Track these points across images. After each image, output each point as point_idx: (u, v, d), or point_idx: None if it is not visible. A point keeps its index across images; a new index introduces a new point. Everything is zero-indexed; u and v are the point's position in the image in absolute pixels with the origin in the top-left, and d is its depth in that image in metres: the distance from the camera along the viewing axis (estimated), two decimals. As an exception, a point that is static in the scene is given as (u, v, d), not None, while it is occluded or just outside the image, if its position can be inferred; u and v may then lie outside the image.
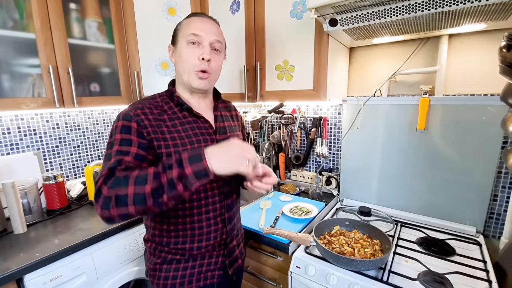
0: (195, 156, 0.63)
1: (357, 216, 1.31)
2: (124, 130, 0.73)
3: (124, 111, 0.77)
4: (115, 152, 0.70)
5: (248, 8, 1.38)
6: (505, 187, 1.15)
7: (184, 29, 0.82)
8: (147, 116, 0.77)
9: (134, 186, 0.62)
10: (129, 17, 1.49)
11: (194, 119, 0.84)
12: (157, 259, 0.86)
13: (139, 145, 0.73)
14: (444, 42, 1.19)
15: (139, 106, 0.78)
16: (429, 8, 0.88)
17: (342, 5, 0.95)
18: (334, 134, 1.56)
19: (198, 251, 0.85)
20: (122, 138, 0.73)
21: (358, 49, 1.45)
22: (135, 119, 0.75)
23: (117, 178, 0.65)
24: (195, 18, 0.83)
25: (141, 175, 0.63)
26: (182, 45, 0.81)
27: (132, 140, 0.73)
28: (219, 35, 0.84)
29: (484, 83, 1.17)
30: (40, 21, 1.19)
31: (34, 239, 1.11)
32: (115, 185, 0.63)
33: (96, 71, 1.45)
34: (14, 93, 1.16)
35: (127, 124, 0.74)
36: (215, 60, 0.83)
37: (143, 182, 0.62)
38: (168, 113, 0.81)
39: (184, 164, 0.62)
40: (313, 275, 0.97)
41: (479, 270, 0.92)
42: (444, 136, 1.18)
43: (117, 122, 0.75)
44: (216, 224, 0.87)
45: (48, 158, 1.53)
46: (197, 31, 0.80)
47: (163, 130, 0.77)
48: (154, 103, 0.82)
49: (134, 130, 0.74)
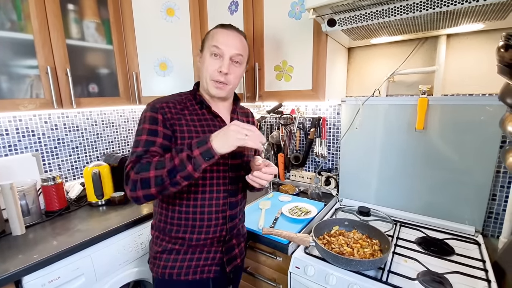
0: (201, 141, 0.73)
1: (356, 216, 1.31)
2: (151, 121, 0.82)
3: (151, 103, 0.86)
4: (144, 141, 0.80)
5: (246, 8, 1.38)
6: (504, 187, 1.15)
7: (209, 40, 0.88)
8: (170, 109, 0.85)
9: (155, 170, 0.73)
10: (128, 17, 1.49)
11: (211, 117, 0.91)
12: (158, 247, 0.92)
13: (164, 136, 0.82)
14: (442, 42, 1.19)
15: (164, 100, 0.87)
16: (427, 8, 0.88)
17: (340, 5, 0.95)
18: (333, 134, 1.56)
19: (197, 242, 0.89)
20: (150, 128, 0.82)
21: (357, 49, 1.45)
22: (160, 111, 0.83)
23: (141, 164, 0.76)
24: (220, 30, 0.88)
25: (160, 160, 0.75)
26: (206, 55, 0.88)
27: (158, 131, 0.82)
28: (241, 48, 0.89)
29: (482, 83, 1.17)
30: (38, 22, 1.19)
31: (33, 241, 1.11)
32: (140, 170, 0.75)
33: (94, 72, 1.44)
34: (12, 94, 1.16)
35: (154, 115, 0.83)
36: (233, 72, 0.89)
37: (162, 166, 0.73)
38: (189, 109, 0.89)
39: (193, 147, 0.72)
40: (312, 276, 0.97)
41: (478, 269, 0.92)
42: (442, 136, 1.18)
43: (145, 112, 0.84)
44: (217, 219, 0.91)
45: (46, 159, 1.52)
46: (219, 44, 0.85)
47: (181, 123, 0.85)
48: (179, 99, 0.90)
49: (160, 121, 0.83)
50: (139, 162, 0.77)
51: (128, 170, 0.77)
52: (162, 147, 0.82)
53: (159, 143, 0.82)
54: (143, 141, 0.81)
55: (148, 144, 0.80)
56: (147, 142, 0.80)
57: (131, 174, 0.76)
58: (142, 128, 0.83)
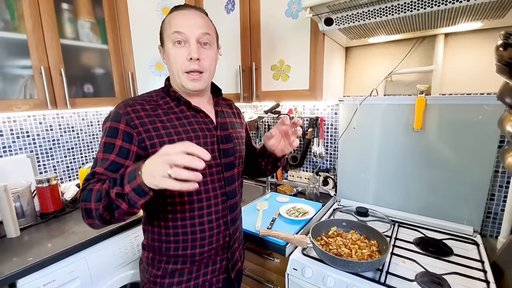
0: (132, 172, 0.58)
1: (354, 217, 1.30)
2: (110, 133, 0.70)
3: (114, 110, 0.73)
4: (98, 160, 0.70)
5: (243, 7, 1.37)
6: (502, 187, 1.14)
7: (167, 28, 0.76)
8: (137, 113, 0.72)
9: (95, 202, 0.62)
10: (123, 17, 1.47)
11: (192, 113, 0.79)
12: (157, 270, 0.79)
13: (119, 151, 0.69)
14: (440, 41, 1.18)
15: (130, 103, 0.74)
16: (425, 7, 0.87)
17: (337, 4, 0.94)
18: (331, 134, 1.56)
19: (201, 256, 0.80)
20: (106, 142, 0.70)
21: (354, 49, 1.45)
22: (124, 119, 0.71)
23: (85, 191, 0.65)
24: (177, 13, 0.76)
25: (99, 189, 0.62)
26: (168, 46, 0.76)
27: (115, 145, 0.69)
28: (206, 26, 0.76)
29: (481, 82, 1.16)
30: (31, 21, 1.17)
31: (28, 243, 1.09)
32: (83, 198, 0.64)
33: (89, 72, 1.43)
34: (5, 95, 1.14)
35: (115, 125, 0.71)
36: (205, 56, 0.76)
37: (99, 199, 0.61)
38: (163, 108, 0.76)
39: (125, 180, 0.58)
40: (310, 277, 0.96)
41: (477, 270, 0.92)
42: (440, 135, 1.18)
43: (107, 122, 0.72)
44: (218, 227, 0.81)
45: (41, 161, 1.51)
46: (180, 28, 0.73)
47: (157, 126, 0.72)
48: (148, 98, 0.78)
49: (121, 132, 0.70)
50: (85, 189, 0.66)
51: (78, 195, 0.68)
52: (111, 167, 0.68)
53: (109, 161, 0.68)
54: (97, 161, 0.70)
55: (101, 163, 0.69)
56: (100, 161, 0.69)
57: (80, 203, 0.66)
58: (101, 143, 0.71)
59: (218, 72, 1.51)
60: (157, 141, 0.71)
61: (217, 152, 0.80)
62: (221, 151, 0.81)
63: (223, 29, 1.45)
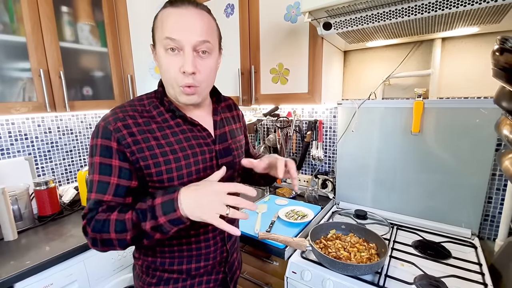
0: (167, 204, 0.57)
1: (353, 220, 1.30)
2: (104, 152, 0.63)
3: (103, 124, 0.64)
4: (96, 183, 0.64)
5: (242, 11, 1.38)
6: (500, 189, 1.15)
7: (158, 29, 0.64)
8: (130, 129, 0.64)
9: (115, 233, 0.60)
10: (123, 20, 1.48)
11: (189, 127, 0.71)
12: (151, 278, 0.76)
13: (120, 173, 0.64)
14: (438, 45, 1.19)
15: (120, 117, 0.65)
16: (422, 12, 0.88)
17: (336, 9, 0.95)
18: (330, 137, 1.56)
19: (197, 271, 0.76)
20: (101, 162, 0.63)
21: (353, 52, 1.46)
22: (115, 137, 0.63)
23: (97, 222, 0.61)
24: (171, 11, 0.63)
25: (119, 220, 0.60)
26: (160, 51, 0.65)
27: (113, 166, 0.64)
28: (206, 31, 0.64)
29: (478, 86, 1.17)
30: (31, 24, 1.18)
31: (25, 246, 1.09)
32: (97, 229, 0.61)
33: (88, 75, 1.43)
34: (4, 98, 1.14)
35: (107, 143, 0.63)
36: (202, 67, 0.65)
37: (123, 230, 0.59)
38: (157, 121, 0.68)
39: (157, 213, 0.57)
40: (309, 280, 0.96)
41: (475, 273, 0.92)
42: (438, 138, 1.18)
43: (96, 138, 0.64)
44: (215, 244, 0.77)
45: (40, 163, 1.50)
46: (173, 33, 0.61)
47: (151, 144, 0.65)
48: (140, 108, 0.69)
49: (115, 151, 0.63)
50: (94, 219, 0.62)
51: (84, 224, 0.63)
52: (118, 193, 0.64)
53: (113, 185, 0.63)
54: (96, 183, 0.64)
55: (101, 188, 0.63)
56: (99, 186, 0.63)
57: (88, 231, 0.62)
58: (94, 162, 0.64)
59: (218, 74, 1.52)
60: (151, 162, 0.65)
61: (215, 168, 0.74)
62: (219, 167, 0.73)
63: (223, 33, 1.42)
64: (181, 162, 0.68)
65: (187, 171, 0.69)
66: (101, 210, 0.63)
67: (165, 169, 0.66)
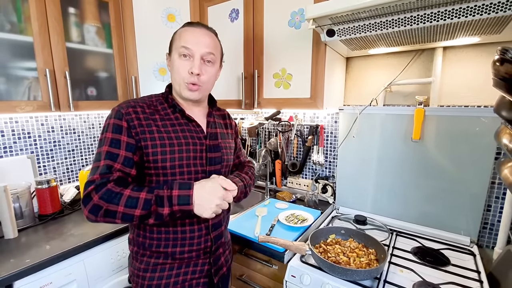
0: (184, 197, 0.71)
1: (353, 225, 1.31)
2: (115, 129, 0.75)
3: (117, 108, 0.78)
4: (105, 153, 0.73)
5: (247, 16, 1.40)
6: (499, 198, 1.16)
7: (176, 41, 0.82)
8: (138, 115, 0.78)
9: (124, 207, 0.69)
10: (128, 22, 1.49)
11: (185, 121, 0.85)
12: (140, 264, 0.84)
13: (127, 146, 0.75)
14: (439, 54, 1.21)
15: (132, 104, 0.79)
16: (425, 22, 0.90)
17: (340, 16, 0.97)
18: (331, 142, 1.57)
19: (181, 255, 0.84)
20: (112, 138, 0.74)
21: (355, 59, 1.47)
22: (125, 118, 0.76)
23: (109, 191, 0.70)
24: (188, 29, 0.82)
25: (133, 196, 0.69)
26: (174, 57, 0.82)
27: (121, 141, 0.75)
28: (212, 46, 0.83)
29: (478, 95, 1.19)
30: (38, 24, 1.19)
31: (25, 245, 1.09)
32: (107, 198, 0.69)
33: (93, 76, 1.44)
34: (9, 96, 1.15)
35: (118, 122, 0.76)
36: (206, 72, 0.83)
37: (133, 205, 0.69)
38: (160, 113, 0.82)
39: (173, 201, 0.70)
40: (308, 285, 0.96)
41: (473, 280, 0.92)
42: (438, 146, 1.19)
43: (109, 119, 0.77)
44: (200, 230, 0.85)
45: (42, 162, 1.51)
46: (188, 44, 0.79)
47: (152, 129, 0.78)
48: (148, 102, 0.83)
49: (125, 129, 0.75)
50: (105, 187, 0.70)
51: (90, 190, 0.69)
52: (126, 163, 0.74)
53: (122, 156, 0.74)
54: (104, 153, 0.73)
55: (111, 157, 0.73)
56: (109, 154, 0.73)
57: (94, 196, 0.69)
58: (105, 137, 0.75)
59: (221, 78, 1.54)
60: (150, 143, 0.77)
61: (204, 159, 0.85)
62: (208, 159, 0.86)
63: (227, 37, 1.48)
64: (175, 148, 0.79)
65: (178, 157, 0.80)
66: (112, 180, 0.71)
67: (160, 151, 0.78)
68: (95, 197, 0.69)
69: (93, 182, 0.70)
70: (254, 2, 1.36)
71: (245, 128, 1.83)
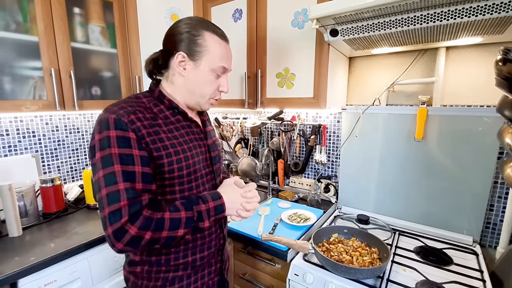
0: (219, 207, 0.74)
1: (355, 224, 1.31)
2: (122, 143, 0.63)
3: (114, 116, 0.64)
4: (121, 173, 0.62)
5: (250, 16, 1.40)
6: (501, 197, 1.16)
7: (212, 55, 0.75)
8: (142, 122, 0.67)
9: (168, 230, 0.65)
10: (132, 22, 1.50)
11: (188, 123, 0.80)
12: (156, 281, 0.76)
13: (142, 161, 0.65)
14: (442, 54, 1.21)
15: (130, 110, 0.67)
16: (428, 22, 0.90)
17: (343, 16, 0.97)
18: (333, 142, 1.58)
19: (201, 261, 0.81)
20: (121, 153, 0.63)
21: (358, 59, 1.48)
22: (131, 128, 0.65)
23: (148, 219, 0.62)
24: (221, 42, 0.77)
25: (174, 218, 0.66)
26: (204, 70, 0.75)
27: (134, 156, 0.64)
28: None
29: (481, 95, 1.19)
30: (43, 24, 1.20)
31: (30, 243, 1.10)
32: (148, 226, 0.62)
33: (97, 75, 1.45)
34: (15, 95, 1.16)
35: (124, 134, 0.64)
36: None
37: (176, 227, 0.66)
38: (160, 117, 0.74)
39: (211, 213, 0.72)
40: (311, 283, 0.96)
41: (476, 279, 0.93)
42: (441, 145, 1.20)
43: (107, 130, 0.63)
44: (216, 231, 0.84)
45: (46, 161, 1.52)
46: (226, 64, 0.78)
47: (161, 137, 0.70)
48: (143, 105, 0.72)
49: (134, 141, 0.65)
50: (142, 215, 0.62)
51: (123, 223, 0.59)
52: (146, 180, 0.65)
53: (139, 173, 0.64)
54: (120, 174, 0.61)
55: (129, 177, 0.62)
56: (125, 175, 0.62)
57: (131, 229, 0.60)
58: (110, 154, 0.62)
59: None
60: (164, 153, 0.69)
61: (208, 160, 0.84)
62: (212, 159, 0.85)
63: (230, 37, 1.44)
64: (187, 154, 0.75)
65: (192, 162, 0.76)
66: (146, 205, 0.64)
67: (175, 159, 0.71)
68: (132, 229, 0.60)
69: (120, 211, 0.60)
70: (257, 2, 1.36)
71: (248, 128, 1.83)
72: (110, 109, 0.67)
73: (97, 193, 0.63)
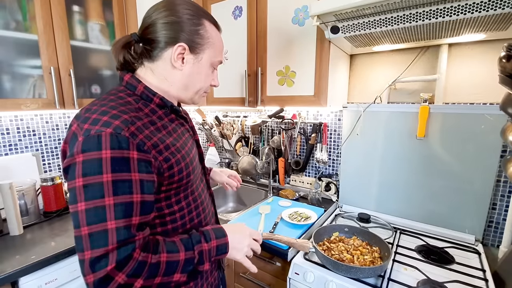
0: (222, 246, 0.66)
1: (356, 223, 1.30)
2: (119, 166, 0.51)
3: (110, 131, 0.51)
4: (113, 208, 0.50)
5: (250, 14, 1.39)
6: (504, 196, 1.15)
7: (214, 48, 0.70)
8: (143, 132, 0.56)
9: (163, 276, 0.55)
10: (132, 20, 1.49)
11: (180, 121, 0.73)
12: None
13: (143, 187, 0.54)
14: (444, 51, 1.20)
15: (127, 119, 0.55)
16: (430, 18, 0.89)
17: (344, 13, 0.96)
18: (334, 140, 1.57)
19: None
20: (116, 180, 0.50)
21: (359, 56, 1.47)
22: (134, 144, 0.53)
23: (141, 264, 0.51)
24: (219, 35, 0.72)
25: (171, 261, 0.55)
26: (205, 64, 0.69)
27: (133, 182, 0.52)
28: None
29: (483, 92, 1.18)
30: (43, 22, 1.20)
31: (30, 241, 1.10)
32: (141, 274, 0.51)
33: (97, 73, 1.45)
34: (14, 94, 1.16)
35: (122, 154, 0.51)
36: None
37: (172, 272, 0.56)
38: (156, 119, 0.63)
39: (212, 253, 0.64)
40: (312, 282, 0.96)
41: (478, 279, 0.92)
42: (443, 143, 1.19)
43: (98, 150, 0.50)
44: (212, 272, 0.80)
45: (46, 159, 1.52)
46: (222, 57, 0.74)
47: (167, 144, 0.61)
48: (130, 106, 0.59)
49: (135, 161, 0.52)
50: (133, 260, 0.50)
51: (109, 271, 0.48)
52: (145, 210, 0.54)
53: (137, 204, 0.53)
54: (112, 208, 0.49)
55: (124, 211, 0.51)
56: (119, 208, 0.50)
57: (119, 277, 0.49)
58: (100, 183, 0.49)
59: (224, 76, 1.54)
60: (173, 161, 0.62)
61: (198, 156, 0.79)
62: (201, 155, 0.82)
63: (230, 35, 1.48)
64: (190, 156, 0.70)
65: (196, 164, 0.72)
66: (139, 246, 0.52)
67: (184, 164, 0.65)
68: (120, 277, 0.49)
69: (106, 257, 0.48)
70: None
71: (248, 126, 1.83)
72: (98, 119, 0.52)
73: (75, 228, 0.50)
